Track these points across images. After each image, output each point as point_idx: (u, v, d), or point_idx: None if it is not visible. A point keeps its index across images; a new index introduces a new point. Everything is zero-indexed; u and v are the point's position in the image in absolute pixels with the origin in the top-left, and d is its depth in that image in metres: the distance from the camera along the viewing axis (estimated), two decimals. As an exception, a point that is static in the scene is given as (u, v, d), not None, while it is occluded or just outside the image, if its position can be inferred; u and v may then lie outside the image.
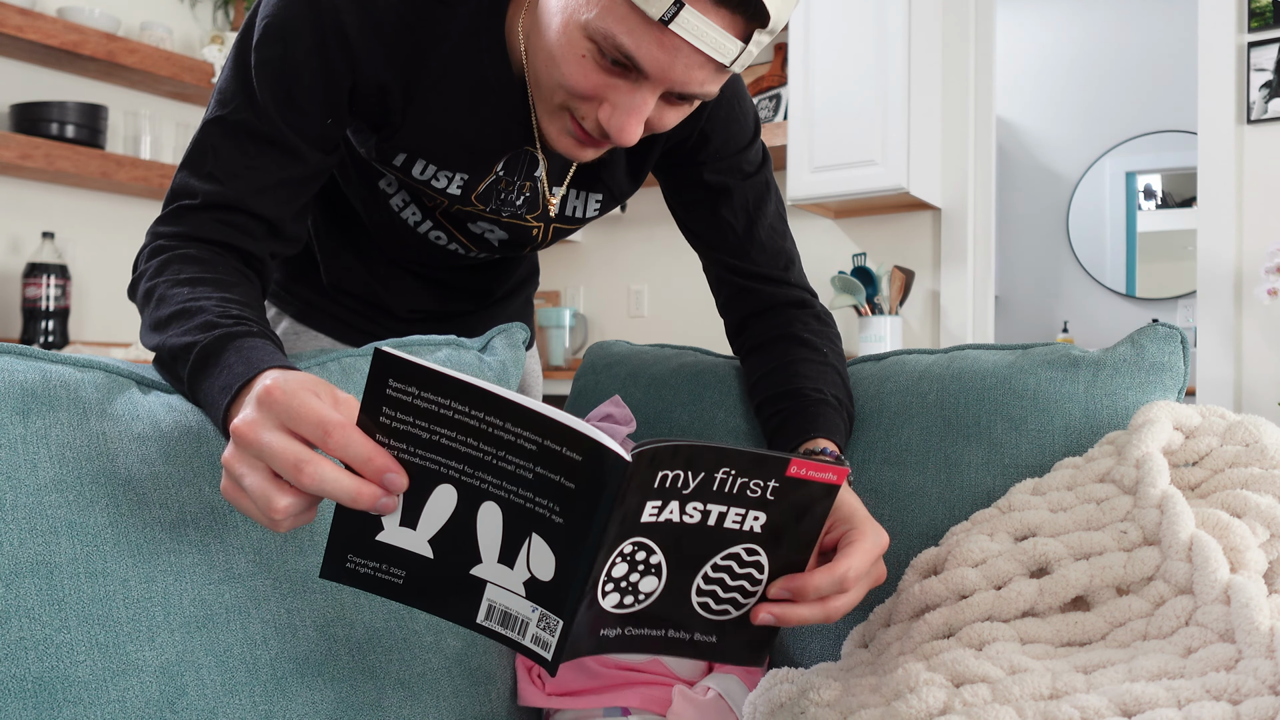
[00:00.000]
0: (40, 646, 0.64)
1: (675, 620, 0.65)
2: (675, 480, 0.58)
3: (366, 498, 0.59)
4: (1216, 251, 2.54)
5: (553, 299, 3.95)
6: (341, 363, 0.89)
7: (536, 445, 0.55)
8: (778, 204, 1.08)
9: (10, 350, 0.71)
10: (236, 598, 0.73)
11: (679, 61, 0.77)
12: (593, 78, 0.80)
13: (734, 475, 0.60)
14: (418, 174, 0.98)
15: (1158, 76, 4.47)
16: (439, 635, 0.85)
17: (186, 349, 0.74)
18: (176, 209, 0.86)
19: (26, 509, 0.66)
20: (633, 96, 0.80)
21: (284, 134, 0.87)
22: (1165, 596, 0.70)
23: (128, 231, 3.17)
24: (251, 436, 0.60)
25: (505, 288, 1.30)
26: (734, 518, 0.62)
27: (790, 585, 0.66)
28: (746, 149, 1.04)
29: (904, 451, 0.98)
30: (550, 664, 0.60)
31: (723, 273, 1.08)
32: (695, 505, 0.60)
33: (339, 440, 0.59)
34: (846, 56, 2.91)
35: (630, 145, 0.83)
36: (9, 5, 2.71)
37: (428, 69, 0.91)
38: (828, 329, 1.06)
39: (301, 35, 0.85)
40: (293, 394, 0.60)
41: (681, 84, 0.79)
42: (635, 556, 0.60)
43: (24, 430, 0.68)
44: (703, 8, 0.73)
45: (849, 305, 3.00)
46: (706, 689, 0.87)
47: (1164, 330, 0.96)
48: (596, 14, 0.76)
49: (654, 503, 0.59)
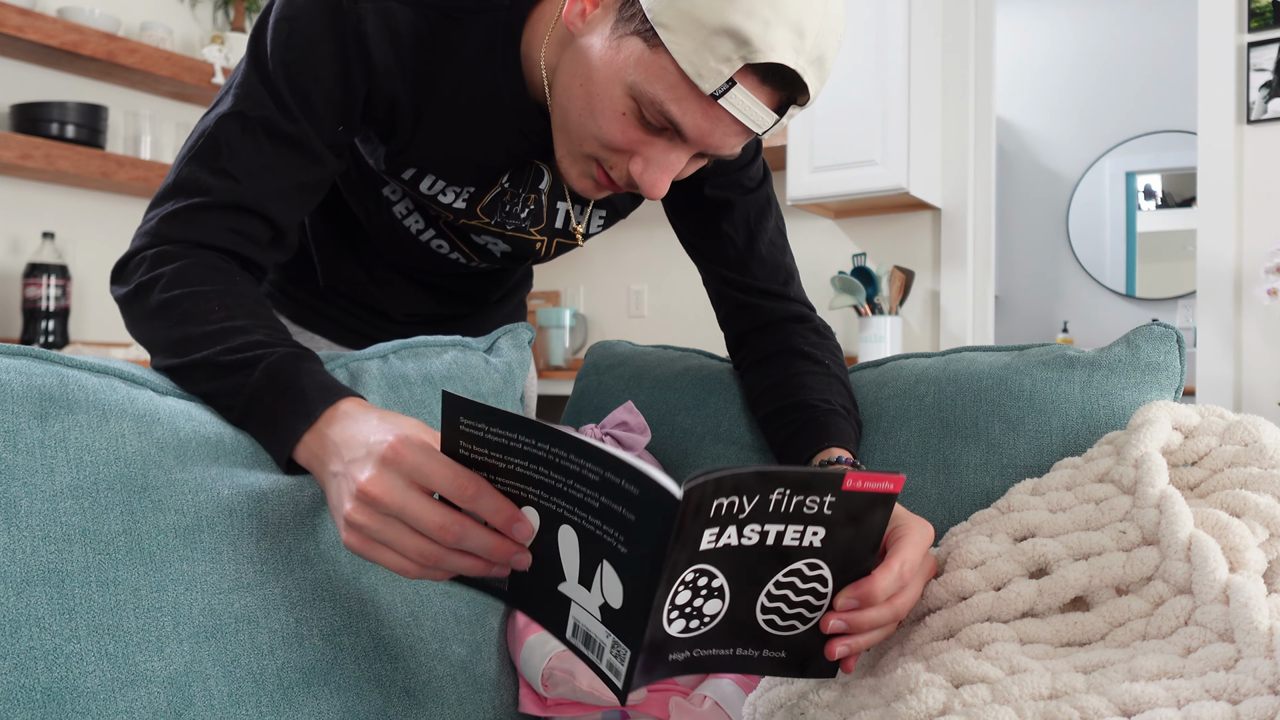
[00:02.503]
0: (49, 656, 0.63)
1: (743, 639, 0.65)
2: (731, 507, 0.58)
3: (501, 554, 0.63)
4: (1216, 251, 2.54)
5: (553, 299, 3.95)
6: (349, 368, 0.89)
7: (598, 476, 0.57)
8: (778, 219, 1.08)
9: (28, 354, 0.70)
10: (246, 607, 0.73)
11: (719, 129, 0.79)
12: (630, 134, 0.81)
13: (789, 495, 0.59)
14: (425, 189, 0.98)
15: (1158, 76, 4.47)
16: (444, 643, 0.85)
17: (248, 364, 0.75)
18: (186, 208, 0.83)
19: (41, 516, 0.65)
20: (668, 155, 0.82)
21: (306, 135, 0.86)
22: (1164, 596, 0.70)
23: (128, 231, 3.17)
24: (388, 499, 0.63)
25: (501, 292, 1.30)
26: (793, 535, 0.61)
27: (857, 593, 0.66)
28: (748, 164, 1.04)
29: (902, 454, 0.99)
30: (620, 692, 0.60)
31: (722, 287, 1.08)
32: (753, 527, 0.60)
33: (471, 494, 0.62)
34: (846, 56, 2.91)
35: (660, 198, 0.85)
36: (9, 5, 2.71)
37: (440, 85, 0.91)
38: (827, 341, 1.07)
39: (323, 40, 0.85)
40: (419, 450, 0.64)
41: (715, 148, 0.81)
42: (697, 583, 0.60)
43: (42, 434, 0.67)
44: (751, 85, 0.76)
45: (849, 305, 3.00)
46: (703, 697, 0.86)
47: (1159, 330, 0.96)
48: (645, 78, 0.77)
49: (711, 530, 0.58)
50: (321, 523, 0.80)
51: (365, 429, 0.68)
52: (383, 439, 0.65)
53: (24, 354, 0.70)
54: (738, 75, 0.75)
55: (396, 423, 0.67)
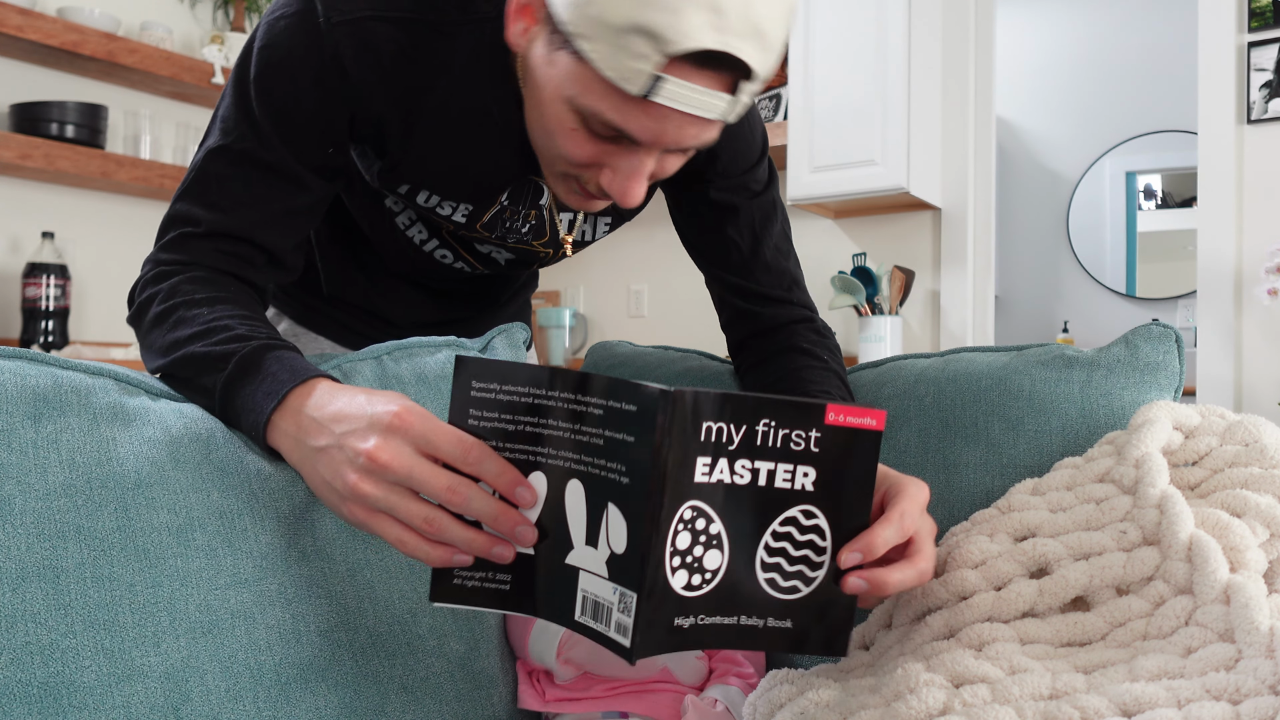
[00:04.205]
0: (46, 651, 0.63)
1: (746, 604, 0.65)
2: (720, 434, 0.60)
3: (505, 521, 0.64)
4: (1216, 251, 2.54)
5: (553, 299, 3.95)
6: (342, 368, 0.89)
7: (602, 409, 0.60)
8: (784, 224, 1.07)
9: (23, 355, 0.71)
10: (242, 603, 0.73)
11: (669, 126, 0.76)
12: (588, 148, 0.80)
13: (775, 426, 0.61)
14: (422, 202, 0.98)
15: (1158, 76, 4.47)
16: (442, 639, 0.85)
17: (224, 357, 0.76)
18: (178, 236, 0.86)
19: (35, 513, 0.66)
20: (630, 160, 0.80)
21: (288, 163, 0.87)
22: (1165, 596, 0.70)
23: (128, 231, 3.17)
24: (397, 465, 0.63)
25: (510, 292, 1.30)
26: (783, 475, 0.63)
27: (857, 545, 0.65)
28: (754, 168, 1.03)
29: (902, 454, 0.99)
30: (629, 651, 0.59)
31: (725, 292, 1.07)
32: (743, 464, 0.61)
33: (476, 457, 0.63)
34: (846, 56, 2.91)
35: (636, 205, 0.83)
36: (9, 5, 2.71)
37: (429, 101, 0.90)
38: (826, 340, 1.06)
39: (302, 66, 0.85)
40: (425, 418, 0.65)
41: (676, 143, 0.78)
42: (695, 524, 0.61)
43: (35, 435, 0.68)
44: (684, 74, 0.72)
45: (849, 305, 3.00)
46: (714, 700, 0.87)
47: (1158, 330, 0.96)
48: (579, 91, 0.76)
49: (704, 459, 0.60)
50: (318, 518, 0.80)
51: (356, 402, 0.68)
52: (386, 409, 0.66)
53: (18, 356, 0.71)
54: (667, 69, 0.71)
55: (388, 395, 0.69)
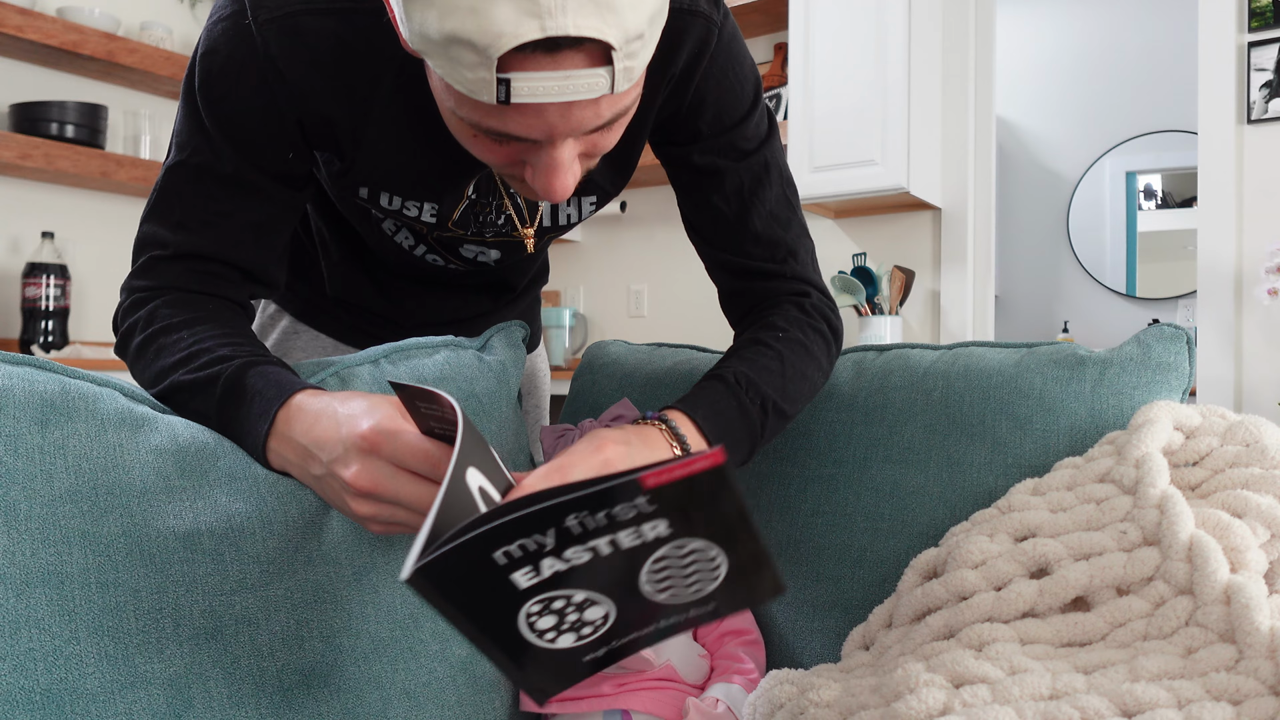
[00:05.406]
0: (50, 658, 0.63)
1: (657, 613, 0.57)
2: (524, 549, 0.49)
3: None
4: (1216, 251, 2.54)
5: (553, 299, 3.95)
6: (340, 374, 0.89)
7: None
8: (783, 187, 0.96)
9: (31, 362, 0.71)
10: (246, 609, 0.73)
11: (552, 119, 0.67)
12: (498, 151, 0.73)
13: (587, 516, 0.49)
14: (386, 205, 0.93)
15: (1158, 76, 4.47)
16: (444, 644, 0.85)
17: (210, 381, 0.77)
18: (149, 260, 0.85)
19: (40, 519, 0.66)
20: (542, 156, 0.72)
21: (247, 173, 0.84)
22: (1165, 597, 0.70)
23: (127, 231, 3.17)
24: (380, 488, 0.66)
25: (522, 284, 1.25)
26: (629, 538, 0.51)
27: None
28: (744, 121, 0.92)
29: (907, 450, 0.98)
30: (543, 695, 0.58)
31: (713, 267, 0.99)
32: (574, 550, 0.50)
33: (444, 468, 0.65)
34: (846, 56, 2.91)
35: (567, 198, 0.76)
36: (9, 5, 2.71)
37: (375, 96, 0.84)
38: (807, 318, 0.95)
39: (242, 72, 0.81)
40: (392, 436, 0.66)
41: (575, 130, 0.69)
42: (552, 606, 0.52)
43: (42, 440, 0.68)
44: (531, 66, 0.63)
45: (849, 305, 3.00)
46: (715, 700, 0.87)
47: (1170, 330, 0.96)
48: (454, 104, 0.70)
49: (522, 570, 0.50)
50: (323, 524, 0.80)
51: (331, 425, 0.69)
52: (353, 431, 0.67)
53: (26, 362, 0.72)
54: (509, 69, 0.63)
55: (352, 408, 0.69)
